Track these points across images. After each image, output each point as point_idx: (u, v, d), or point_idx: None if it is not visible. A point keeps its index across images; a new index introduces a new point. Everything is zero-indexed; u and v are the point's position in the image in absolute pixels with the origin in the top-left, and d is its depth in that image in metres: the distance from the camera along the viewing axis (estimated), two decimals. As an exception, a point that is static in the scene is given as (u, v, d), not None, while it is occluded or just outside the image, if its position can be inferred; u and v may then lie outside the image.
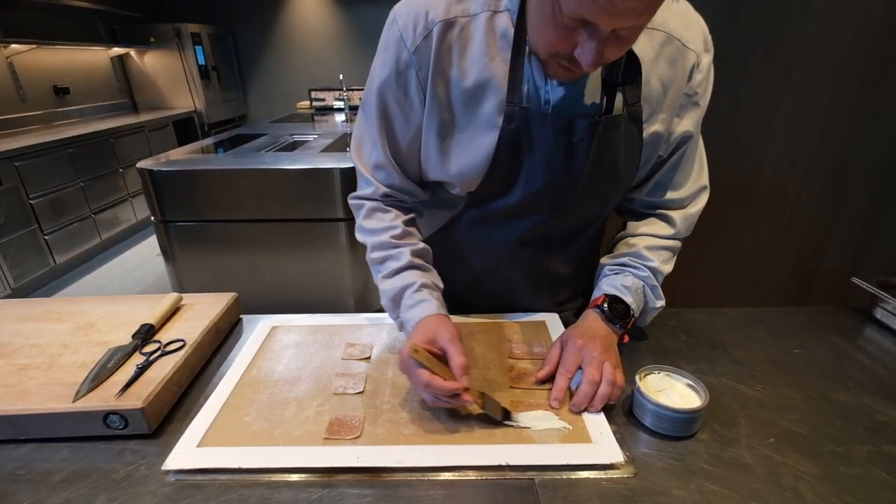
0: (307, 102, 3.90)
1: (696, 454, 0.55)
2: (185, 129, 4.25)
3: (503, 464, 0.52)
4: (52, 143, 2.86)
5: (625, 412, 0.62)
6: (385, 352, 0.73)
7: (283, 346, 0.74)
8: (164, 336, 0.71)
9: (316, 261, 1.97)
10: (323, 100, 3.80)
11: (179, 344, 0.68)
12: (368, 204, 0.73)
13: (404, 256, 0.69)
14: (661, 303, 0.74)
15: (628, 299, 0.69)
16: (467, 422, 0.58)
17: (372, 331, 0.78)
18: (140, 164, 1.87)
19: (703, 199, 0.76)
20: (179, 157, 2.04)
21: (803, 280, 1.51)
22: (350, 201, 0.75)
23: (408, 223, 0.73)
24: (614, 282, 0.72)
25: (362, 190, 0.73)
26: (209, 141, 2.51)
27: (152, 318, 0.72)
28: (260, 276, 1.99)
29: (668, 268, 0.75)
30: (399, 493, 0.50)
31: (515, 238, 0.73)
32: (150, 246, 3.36)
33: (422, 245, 0.72)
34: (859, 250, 1.43)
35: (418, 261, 0.70)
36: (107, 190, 3.28)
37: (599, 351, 0.62)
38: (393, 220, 0.72)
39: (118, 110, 4.30)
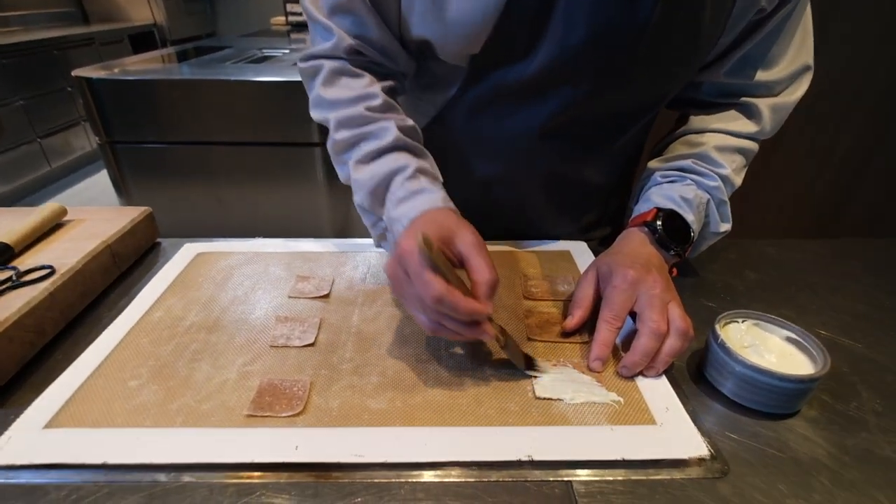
0: (282, 18, 3.45)
1: (808, 442, 0.37)
2: (144, 45, 3.77)
3: (525, 458, 0.34)
4: (-20, 52, 2.46)
5: (691, 375, 0.43)
6: (349, 288, 0.52)
7: (208, 279, 0.53)
8: (27, 262, 0.49)
9: (288, 191, 1.75)
10: (300, 14, 3.35)
11: (45, 272, 0.46)
12: (329, 65, 0.49)
13: (389, 133, 0.46)
14: (726, 226, 0.54)
15: (689, 217, 0.50)
16: (468, 386, 0.39)
17: (333, 260, 0.57)
18: (76, 72, 1.59)
19: (803, 85, 0.54)
20: (128, 66, 1.75)
21: (832, 211, 1.39)
22: (300, 65, 0.51)
23: (388, 92, 0.50)
24: (669, 192, 0.51)
25: (318, 45, 0.50)
26: (164, 51, 2.17)
27: (9, 236, 0.50)
28: (224, 208, 1.77)
29: (739, 180, 0.55)
30: (360, 506, 0.32)
31: (538, 127, 0.51)
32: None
33: (411, 122, 0.50)
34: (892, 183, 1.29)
35: (409, 140, 0.48)
36: (54, 111, 2.89)
37: (661, 287, 0.43)
38: (368, 86, 0.49)
39: (65, 20, 3.77)
